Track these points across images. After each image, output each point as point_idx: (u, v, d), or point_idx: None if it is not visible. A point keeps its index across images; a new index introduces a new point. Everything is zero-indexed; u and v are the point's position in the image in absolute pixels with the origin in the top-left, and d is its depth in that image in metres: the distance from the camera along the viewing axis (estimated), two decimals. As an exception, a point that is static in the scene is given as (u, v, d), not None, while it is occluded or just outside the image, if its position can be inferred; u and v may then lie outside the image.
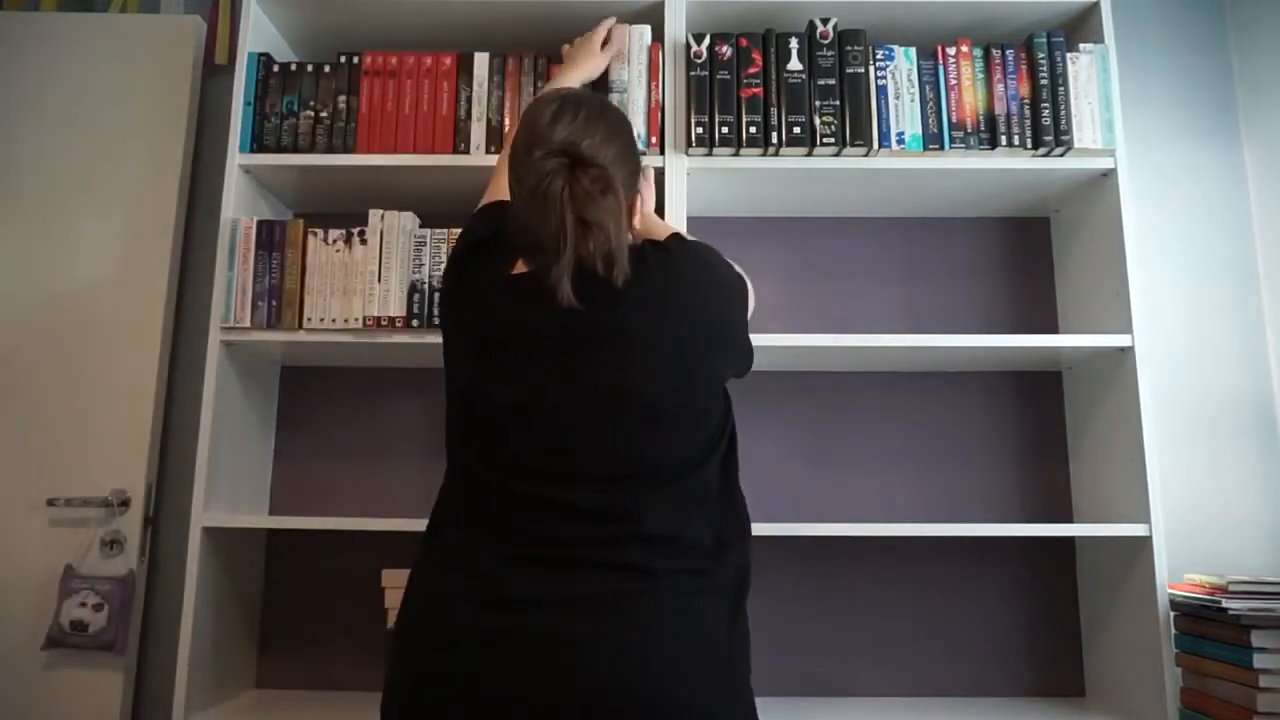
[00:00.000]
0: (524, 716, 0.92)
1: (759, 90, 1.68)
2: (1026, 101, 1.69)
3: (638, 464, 1.01)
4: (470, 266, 1.14)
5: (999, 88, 1.69)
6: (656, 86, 1.70)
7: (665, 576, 0.98)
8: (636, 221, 1.16)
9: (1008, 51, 1.71)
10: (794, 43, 1.70)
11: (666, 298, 1.04)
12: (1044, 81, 1.68)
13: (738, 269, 1.17)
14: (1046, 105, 1.68)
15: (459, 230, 1.63)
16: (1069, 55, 1.69)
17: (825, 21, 1.71)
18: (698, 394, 1.04)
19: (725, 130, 1.67)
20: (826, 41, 1.70)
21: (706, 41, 1.70)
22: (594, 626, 0.94)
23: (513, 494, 1.02)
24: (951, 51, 1.71)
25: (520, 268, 1.10)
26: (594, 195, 1.00)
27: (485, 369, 1.05)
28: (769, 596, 1.82)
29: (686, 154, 1.68)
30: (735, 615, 1.02)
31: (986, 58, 1.71)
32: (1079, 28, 1.81)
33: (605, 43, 1.65)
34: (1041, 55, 1.69)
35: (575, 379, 1.01)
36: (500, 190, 1.28)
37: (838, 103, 1.67)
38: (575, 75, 1.57)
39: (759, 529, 1.57)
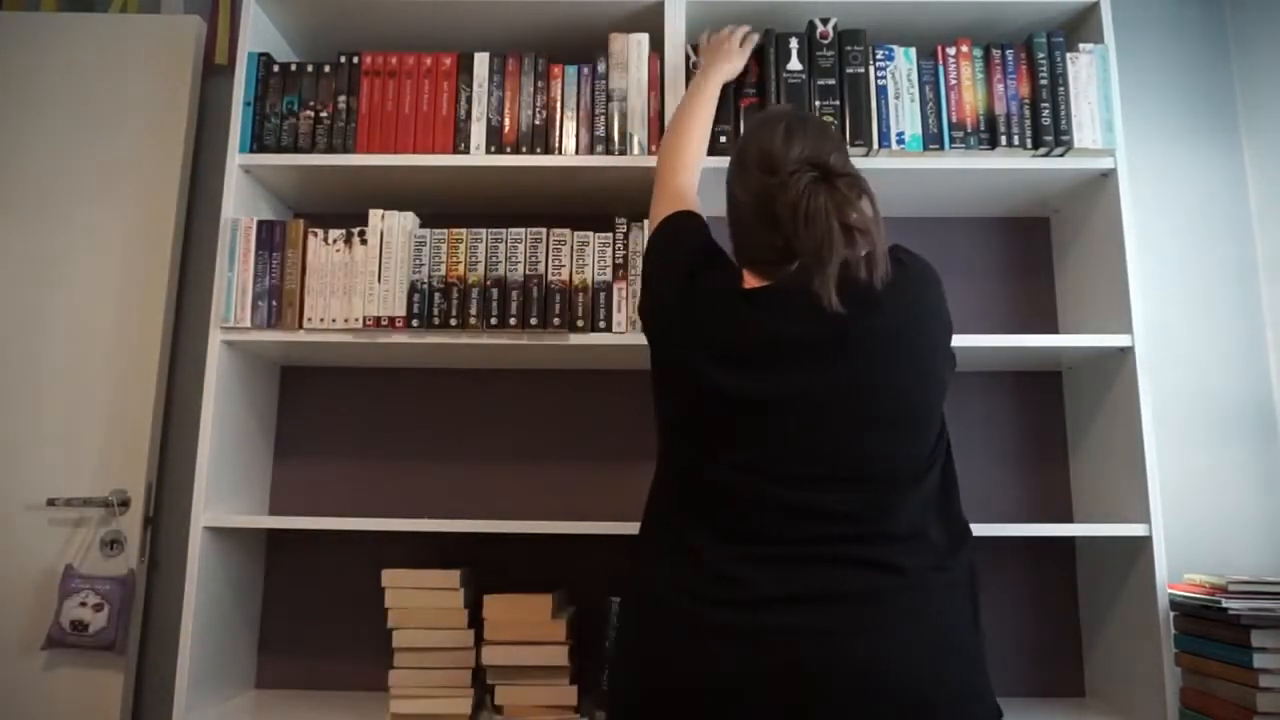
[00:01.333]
0: (788, 713, 0.95)
1: (757, 100, 1.69)
2: (1026, 101, 1.69)
3: (886, 465, 1.03)
4: (699, 274, 1.17)
5: (999, 88, 1.69)
6: (655, 95, 1.71)
7: (915, 574, 1.00)
8: None
9: (1008, 51, 1.71)
10: (794, 43, 1.70)
11: (913, 303, 1.08)
12: (1044, 81, 1.68)
13: None
14: (1046, 105, 1.68)
15: (454, 228, 1.65)
16: (1069, 55, 1.69)
17: (825, 21, 1.71)
18: (936, 397, 1.08)
19: (723, 139, 1.68)
20: (826, 41, 1.70)
21: (704, 50, 1.71)
22: (853, 623, 0.97)
23: (756, 496, 1.04)
24: (951, 51, 1.71)
25: (751, 280, 1.14)
26: (853, 201, 1.04)
27: (726, 374, 1.07)
28: (769, 596, 1.82)
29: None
30: (976, 610, 1.05)
31: (986, 58, 1.71)
32: (1079, 28, 1.81)
33: (743, 41, 1.65)
34: (1041, 55, 1.69)
35: (830, 383, 1.04)
36: (684, 200, 1.31)
37: (837, 103, 1.68)
38: (720, 74, 1.57)
39: (759, 529, 1.57)
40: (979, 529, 1.57)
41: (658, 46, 1.74)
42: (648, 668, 1.02)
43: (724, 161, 1.65)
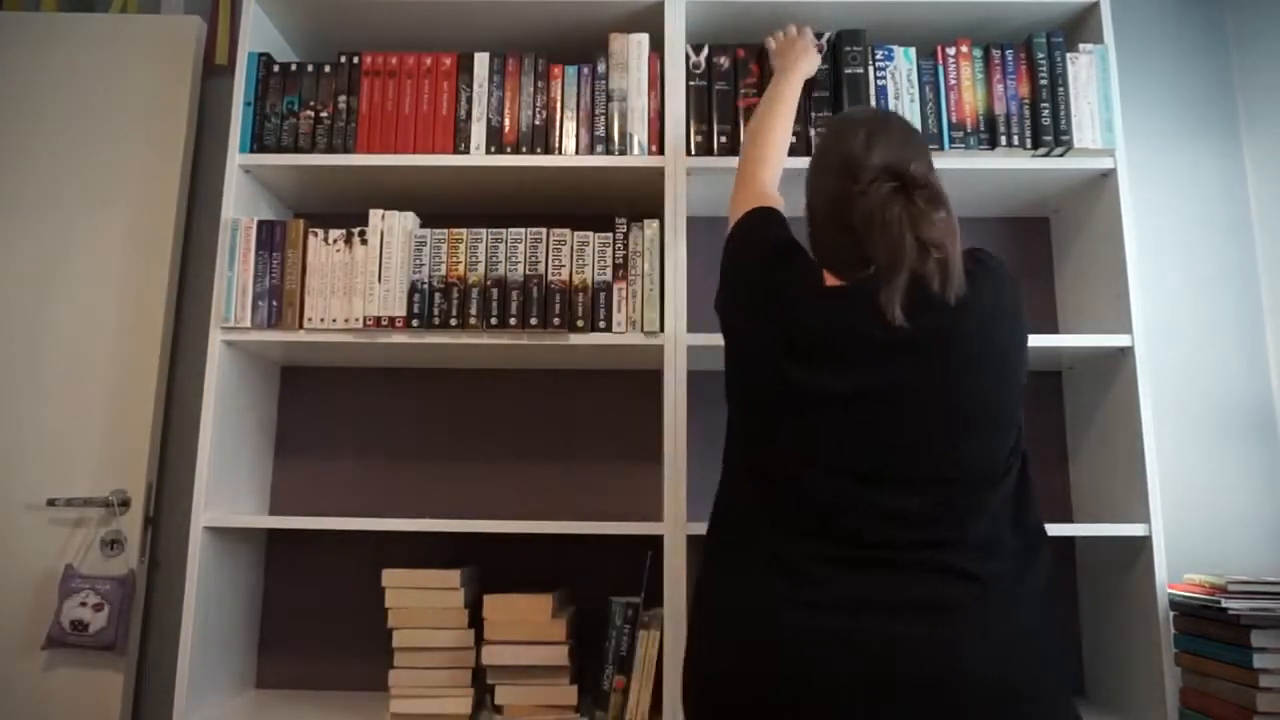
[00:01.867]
0: (863, 716, 0.95)
1: (757, 100, 1.69)
2: (1026, 101, 1.69)
3: (964, 470, 1.03)
4: (779, 270, 1.17)
5: (999, 88, 1.70)
6: (655, 95, 1.71)
7: (993, 579, 1.00)
8: None
9: (1007, 51, 1.71)
10: (792, 51, 1.71)
11: (991, 306, 1.08)
12: (1044, 81, 1.68)
13: None
14: (1046, 105, 1.68)
15: (454, 228, 1.65)
16: (1069, 55, 1.70)
17: (820, 35, 1.71)
18: (1013, 400, 1.08)
19: (724, 139, 1.68)
20: (822, 54, 1.70)
21: (705, 52, 1.71)
22: (931, 628, 0.97)
23: (835, 496, 1.04)
24: (951, 51, 1.71)
25: (831, 280, 1.14)
26: (929, 214, 1.03)
27: (808, 372, 1.07)
28: (769, 596, 1.82)
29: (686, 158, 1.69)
30: (1051, 614, 1.06)
31: (986, 58, 1.71)
32: (1079, 28, 1.81)
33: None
34: (1041, 55, 1.69)
35: (910, 385, 1.04)
36: (766, 197, 1.31)
37: (833, 114, 1.69)
38: (800, 74, 1.56)
39: (759, 529, 1.57)
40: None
41: (658, 46, 1.74)
42: (724, 668, 1.02)
43: (713, 162, 1.68)
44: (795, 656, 0.98)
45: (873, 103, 1.69)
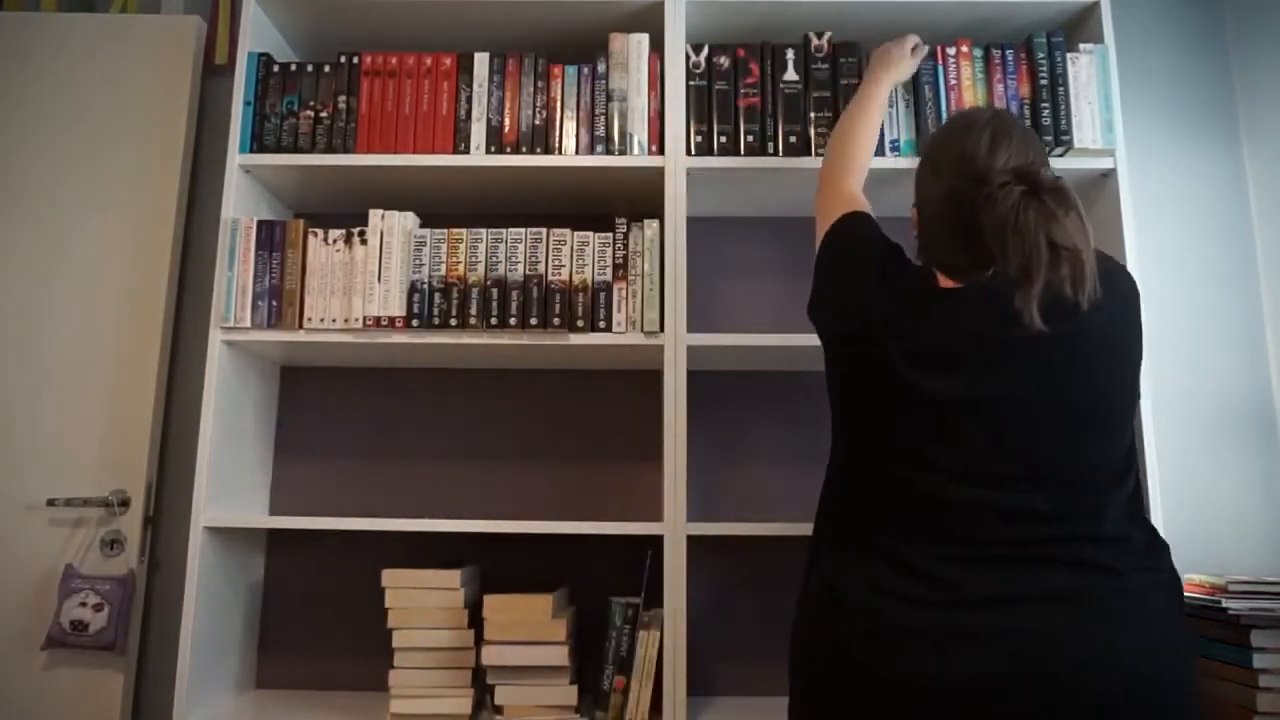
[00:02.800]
0: (1006, 716, 0.95)
1: (756, 100, 1.70)
2: (1026, 102, 1.69)
3: (1087, 470, 1.04)
4: (885, 273, 1.16)
5: (999, 88, 1.70)
6: (655, 95, 1.71)
7: (1127, 574, 1.01)
8: None
9: (1007, 51, 1.71)
10: (790, 54, 1.71)
11: (1115, 309, 1.08)
12: (1044, 81, 1.68)
13: None
14: (1046, 105, 1.68)
15: (454, 228, 1.65)
16: (1069, 55, 1.70)
17: (820, 35, 1.72)
18: (1132, 401, 1.09)
19: (724, 139, 1.68)
20: (821, 55, 1.71)
21: (705, 52, 1.72)
22: (1072, 623, 0.97)
23: (960, 497, 1.04)
24: (951, 52, 1.71)
25: (945, 281, 1.13)
26: (1059, 217, 1.02)
27: (927, 375, 1.06)
28: (769, 596, 1.82)
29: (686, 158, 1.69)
30: (1182, 608, 1.06)
31: (986, 58, 1.71)
32: (1079, 28, 1.81)
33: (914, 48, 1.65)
34: (1041, 55, 1.69)
35: (1034, 386, 1.04)
36: (856, 201, 1.31)
37: (833, 114, 1.69)
38: (890, 80, 1.56)
39: (758, 529, 1.58)
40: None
41: (658, 46, 1.74)
42: (848, 670, 1.02)
43: (713, 162, 1.67)
44: (925, 657, 0.98)
45: None
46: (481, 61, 1.73)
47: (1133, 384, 1.08)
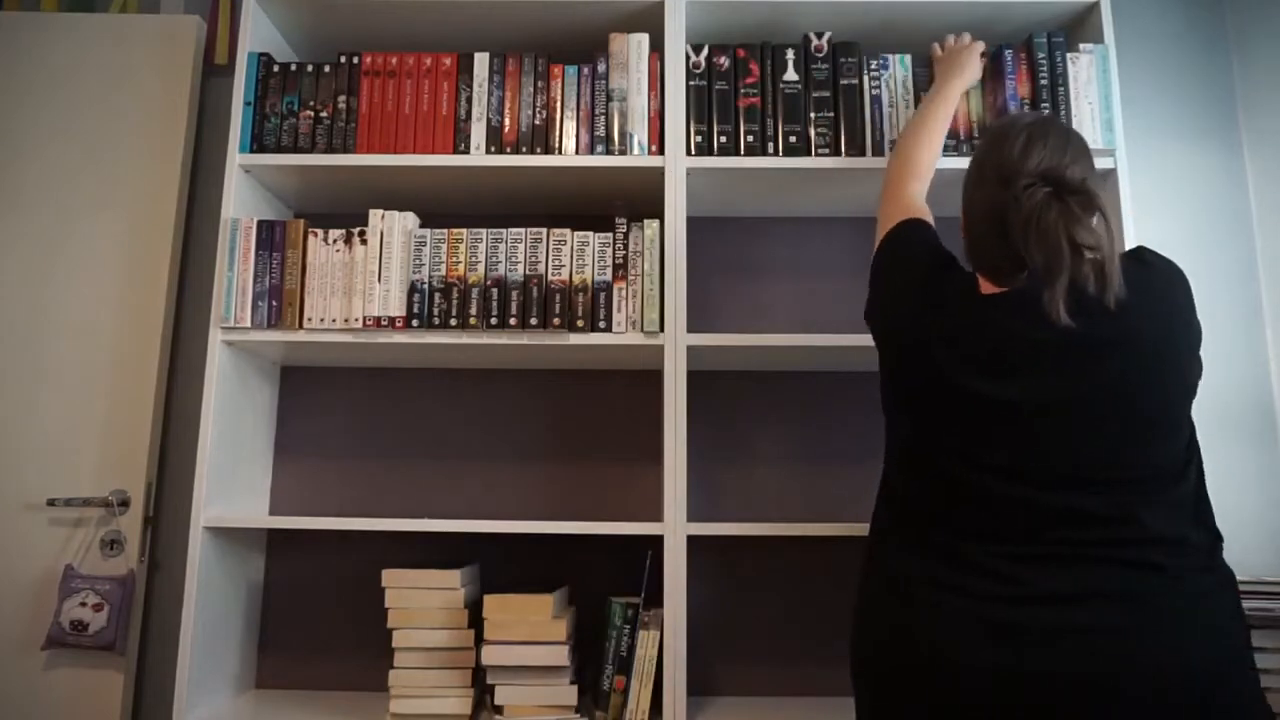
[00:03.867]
0: (1073, 712, 0.96)
1: (756, 100, 1.70)
2: (1026, 102, 1.69)
3: (1138, 469, 1.04)
4: (938, 278, 1.18)
5: (999, 88, 1.69)
6: (655, 95, 1.71)
7: (1185, 574, 1.02)
8: None
9: (1006, 52, 1.71)
10: (790, 54, 1.71)
11: (1159, 306, 1.09)
12: (1044, 81, 1.68)
13: None
14: (1046, 105, 1.68)
15: (454, 228, 1.65)
16: (1069, 55, 1.70)
17: (820, 35, 1.72)
18: (1184, 401, 1.09)
19: (724, 139, 1.68)
20: (821, 55, 1.71)
21: (705, 52, 1.72)
22: (1135, 620, 0.98)
23: (1015, 497, 1.05)
24: (951, 52, 1.72)
25: (988, 286, 1.14)
26: (1083, 219, 1.04)
27: (979, 378, 1.08)
28: (769, 596, 1.82)
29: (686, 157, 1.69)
30: (1239, 607, 1.06)
31: (991, 58, 1.71)
32: (1079, 28, 1.81)
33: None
34: (1041, 55, 1.69)
35: (1079, 389, 1.05)
36: (916, 208, 1.33)
37: (832, 114, 1.69)
38: (959, 85, 1.57)
39: (758, 529, 1.58)
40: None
41: (658, 46, 1.74)
42: (911, 654, 1.04)
43: (713, 161, 1.67)
44: (995, 652, 0.99)
45: (868, 112, 1.70)
46: (481, 61, 1.73)
47: (1179, 383, 1.08)
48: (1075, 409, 1.04)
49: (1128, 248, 1.42)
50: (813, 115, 1.69)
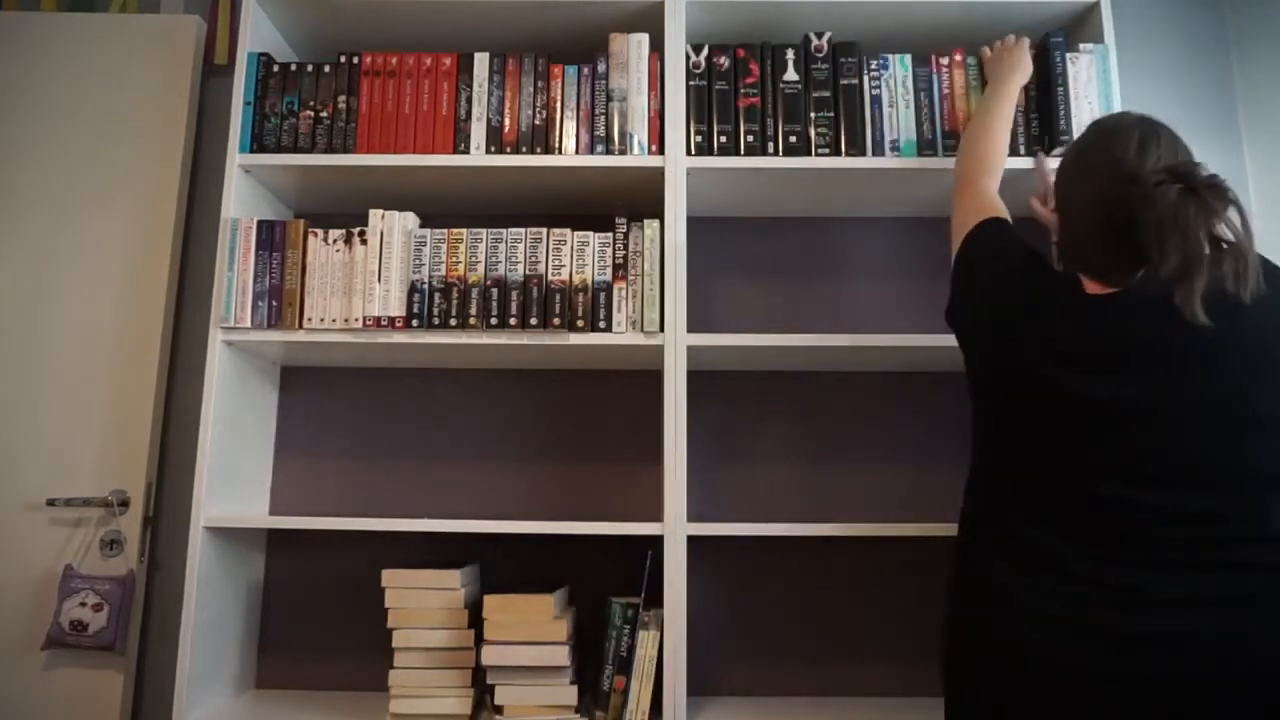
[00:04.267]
0: (1198, 716, 0.95)
1: (756, 100, 1.70)
2: (1027, 101, 1.69)
3: (1253, 470, 1.02)
4: (1032, 278, 1.16)
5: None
6: (655, 95, 1.71)
7: None
8: None
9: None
10: (790, 54, 1.71)
11: (1277, 309, 1.07)
12: (1044, 81, 1.68)
13: None
14: (1047, 105, 1.68)
15: (454, 228, 1.65)
16: (1069, 55, 1.70)
17: (820, 35, 1.72)
18: None
19: (724, 139, 1.68)
20: (821, 55, 1.71)
21: (705, 52, 1.72)
22: (1245, 625, 0.96)
23: (1126, 500, 1.03)
24: (945, 62, 1.72)
25: (1093, 286, 1.12)
26: (1220, 213, 1.03)
27: (1086, 380, 1.06)
28: (769, 596, 1.82)
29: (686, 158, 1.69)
30: None
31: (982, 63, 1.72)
32: (1079, 28, 1.81)
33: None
34: (1041, 55, 1.69)
35: (1197, 387, 1.03)
36: (994, 207, 1.31)
37: (832, 114, 1.69)
38: (1017, 82, 1.58)
39: (758, 529, 1.58)
40: (979, 529, 1.57)
41: (658, 46, 1.74)
42: (1015, 669, 1.02)
43: (713, 161, 1.68)
44: (1111, 660, 0.97)
45: (868, 112, 1.70)
46: (481, 61, 1.73)
47: None
48: (1190, 409, 1.02)
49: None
50: (813, 115, 1.70)
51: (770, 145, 1.69)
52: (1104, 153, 1.14)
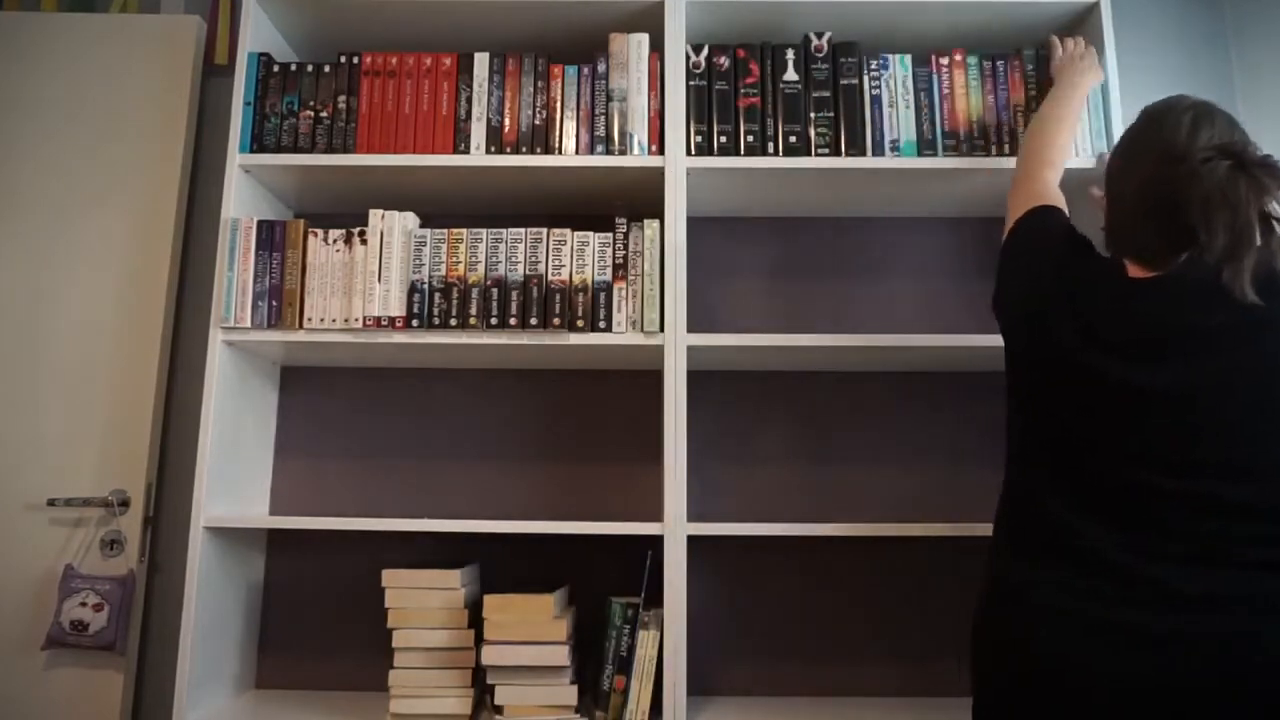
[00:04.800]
0: (1192, 715, 0.94)
1: (756, 100, 1.70)
2: (1024, 106, 1.69)
3: None
4: (1075, 263, 1.15)
5: (989, 98, 1.71)
6: (655, 95, 1.71)
7: None
8: None
9: (998, 62, 1.72)
10: (790, 54, 1.71)
11: None
12: (1043, 82, 1.68)
13: None
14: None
15: (454, 228, 1.65)
16: (1069, 55, 1.70)
17: (820, 35, 1.72)
18: None
19: (724, 139, 1.68)
20: (821, 55, 1.71)
21: (705, 52, 1.72)
22: (1267, 626, 0.95)
23: (1163, 489, 1.01)
24: (945, 62, 1.72)
25: (1136, 271, 1.11)
26: (1271, 190, 1.01)
27: (1121, 366, 1.04)
28: (769, 596, 1.82)
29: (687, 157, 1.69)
30: None
31: (980, 66, 1.72)
32: (1079, 28, 1.81)
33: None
34: (1037, 63, 1.70)
35: (1243, 373, 1.01)
36: (1048, 196, 1.30)
37: (832, 114, 1.69)
38: (1087, 85, 1.57)
39: (758, 529, 1.58)
40: (980, 529, 1.57)
41: (658, 46, 1.74)
42: (1037, 665, 1.01)
43: (713, 161, 1.68)
44: (1133, 658, 0.96)
45: (868, 112, 1.70)
46: (481, 61, 1.73)
47: None
48: (1229, 393, 1.00)
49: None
50: (813, 115, 1.70)
51: (770, 145, 1.69)
52: (1153, 134, 1.13)
